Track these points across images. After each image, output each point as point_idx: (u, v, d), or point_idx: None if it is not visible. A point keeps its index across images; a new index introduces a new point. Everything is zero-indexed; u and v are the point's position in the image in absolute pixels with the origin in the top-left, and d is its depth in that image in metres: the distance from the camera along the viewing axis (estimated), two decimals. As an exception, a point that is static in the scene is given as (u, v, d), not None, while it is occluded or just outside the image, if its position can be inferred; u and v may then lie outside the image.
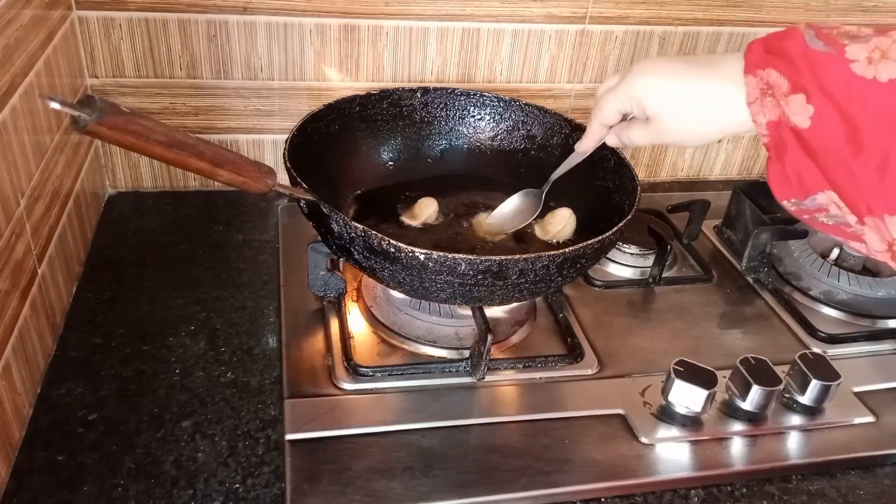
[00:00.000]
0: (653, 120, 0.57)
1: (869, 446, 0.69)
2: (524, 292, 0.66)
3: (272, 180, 0.61)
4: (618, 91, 0.59)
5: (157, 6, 0.84)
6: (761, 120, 0.49)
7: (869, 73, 0.44)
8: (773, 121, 0.48)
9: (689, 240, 0.96)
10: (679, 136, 0.57)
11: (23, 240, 0.63)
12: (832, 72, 0.45)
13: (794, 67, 0.46)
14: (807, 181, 0.48)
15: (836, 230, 0.50)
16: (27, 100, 0.65)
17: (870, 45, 0.44)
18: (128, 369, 0.69)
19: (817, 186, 0.47)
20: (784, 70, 0.47)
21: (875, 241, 0.47)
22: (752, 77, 0.49)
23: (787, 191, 0.49)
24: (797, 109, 0.46)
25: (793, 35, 0.47)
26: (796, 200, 0.49)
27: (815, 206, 0.48)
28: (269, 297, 0.80)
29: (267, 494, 0.60)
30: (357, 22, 0.90)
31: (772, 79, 0.48)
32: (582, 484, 0.63)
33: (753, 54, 0.50)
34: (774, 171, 0.50)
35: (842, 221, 0.48)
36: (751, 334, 0.82)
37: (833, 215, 0.48)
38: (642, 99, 0.57)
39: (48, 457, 0.61)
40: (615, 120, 0.62)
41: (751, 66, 0.49)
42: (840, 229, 0.49)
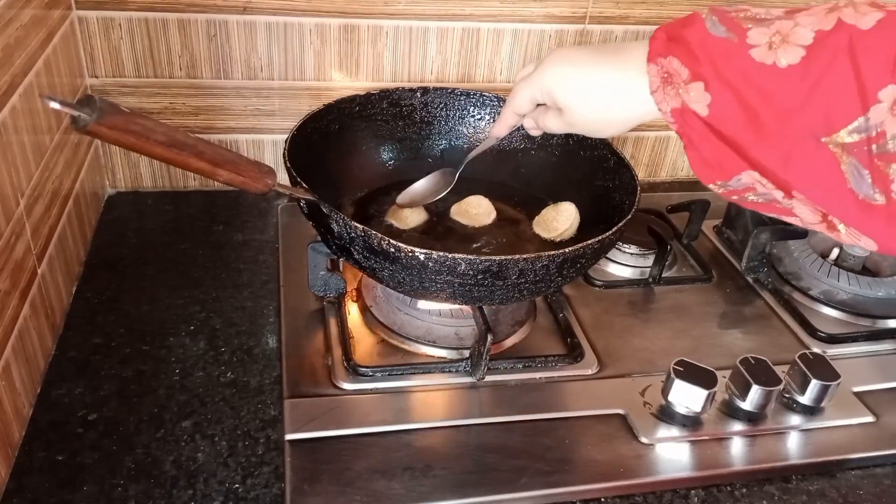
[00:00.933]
0: (564, 111, 0.58)
1: (869, 446, 0.69)
2: (524, 292, 0.66)
3: (272, 180, 0.61)
4: (530, 81, 0.59)
5: (157, 6, 0.84)
6: (665, 108, 0.49)
7: (769, 59, 0.44)
8: (677, 108, 0.48)
9: (689, 240, 0.96)
10: (590, 125, 0.57)
11: (22, 240, 0.63)
12: (730, 59, 0.45)
13: (692, 56, 0.47)
14: (725, 163, 0.47)
15: (768, 207, 0.49)
16: (27, 100, 0.65)
17: (772, 29, 0.44)
18: (128, 369, 0.69)
19: (737, 167, 0.47)
20: (684, 58, 0.47)
21: (807, 214, 0.47)
22: (654, 66, 0.49)
23: (710, 174, 0.49)
24: (696, 98, 0.46)
25: (694, 21, 0.47)
26: (721, 182, 0.49)
27: (741, 185, 0.48)
28: (268, 297, 0.80)
29: (267, 494, 0.60)
30: (357, 22, 0.89)
31: (672, 67, 0.48)
32: (582, 484, 0.63)
33: (656, 42, 0.50)
34: (693, 157, 0.49)
35: (770, 198, 0.48)
36: (751, 334, 0.82)
37: (761, 193, 0.48)
38: (552, 90, 0.57)
39: (48, 457, 0.61)
40: (528, 109, 0.63)
41: (653, 54, 0.50)
42: (771, 206, 0.49)
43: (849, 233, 0.45)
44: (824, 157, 0.43)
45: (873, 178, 0.42)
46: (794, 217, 0.48)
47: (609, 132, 0.59)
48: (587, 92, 0.55)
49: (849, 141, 0.42)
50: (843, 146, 0.43)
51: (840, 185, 0.44)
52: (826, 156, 0.43)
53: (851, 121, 0.42)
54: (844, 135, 0.42)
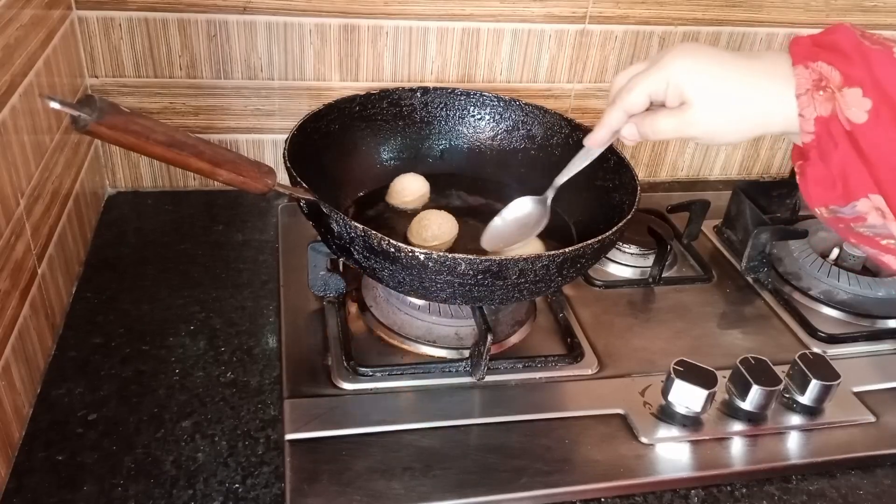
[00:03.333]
0: (687, 105, 0.51)
1: (869, 446, 0.69)
2: (524, 292, 0.65)
3: (272, 180, 0.61)
4: (651, 73, 0.53)
5: (157, 6, 0.84)
6: (809, 114, 0.45)
7: None
8: (824, 116, 0.45)
9: (689, 240, 0.96)
10: (711, 128, 0.51)
11: (22, 240, 0.63)
12: (888, 67, 0.43)
13: (847, 60, 0.44)
14: (853, 184, 0.44)
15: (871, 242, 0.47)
16: (27, 99, 0.65)
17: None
18: (128, 369, 0.69)
19: (864, 190, 0.44)
20: (837, 63, 0.44)
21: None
22: (804, 68, 0.46)
23: (828, 196, 0.46)
24: (853, 103, 0.43)
25: (842, 30, 0.45)
26: (834, 207, 0.46)
27: (854, 213, 0.45)
28: (268, 297, 0.80)
29: (267, 494, 0.60)
30: (357, 22, 0.89)
31: (823, 70, 0.45)
32: (582, 484, 0.63)
33: (800, 47, 0.47)
34: (815, 174, 0.46)
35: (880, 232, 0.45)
36: (751, 334, 0.82)
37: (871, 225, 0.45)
38: (681, 81, 0.51)
39: (48, 457, 0.61)
40: (643, 106, 0.55)
41: (799, 58, 0.46)
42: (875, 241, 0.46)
43: None
44: None
45: None
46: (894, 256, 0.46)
47: (723, 138, 0.52)
48: (721, 88, 0.50)
49: None
50: None
51: None
52: None
53: None
54: None
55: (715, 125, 0.51)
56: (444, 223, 0.76)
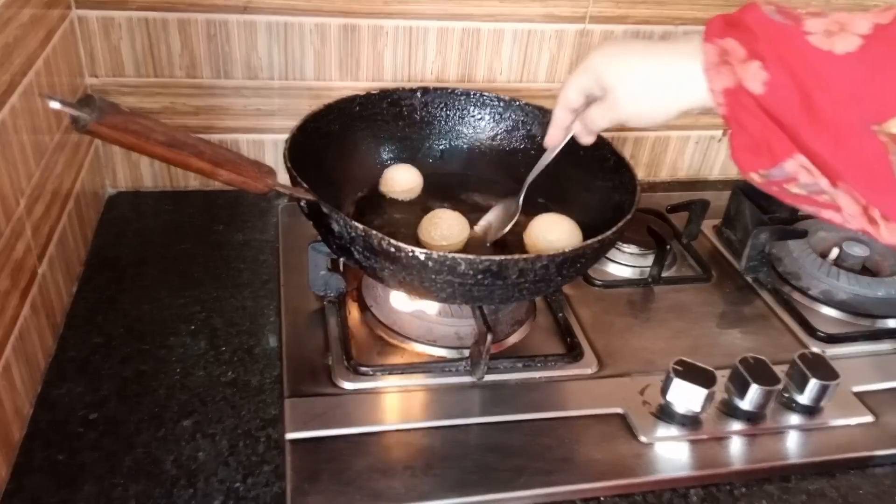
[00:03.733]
0: (609, 93, 0.57)
1: (868, 446, 0.69)
2: (524, 292, 0.66)
3: (272, 180, 0.61)
4: (577, 70, 0.60)
5: (157, 6, 0.84)
6: (717, 86, 0.49)
7: (826, 46, 0.44)
8: (730, 87, 0.48)
9: (689, 240, 0.96)
10: (635, 110, 0.57)
11: (23, 239, 0.64)
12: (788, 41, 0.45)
13: (751, 35, 0.47)
14: (775, 147, 0.47)
15: (808, 200, 0.49)
16: (27, 99, 0.65)
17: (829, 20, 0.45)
18: (128, 369, 0.69)
19: (786, 151, 0.47)
20: (742, 38, 0.47)
21: (850, 206, 0.47)
22: (710, 45, 0.49)
23: (755, 161, 0.49)
24: (752, 75, 0.47)
25: (752, 8, 0.48)
26: (764, 171, 0.49)
27: (784, 175, 0.48)
28: (269, 297, 0.80)
29: (267, 493, 0.60)
30: (357, 22, 0.90)
31: (729, 46, 0.48)
32: (581, 483, 0.63)
33: (713, 25, 0.50)
34: (739, 142, 0.49)
35: (814, 189, 0.48)
36: (750, 334, 0.82)
37: (804, 184, 0.48)
38: (600, 71, 0.57)
39: (48, 456, 0.61)
40: (578, 101, 0.62)
41: (709, 34, 0.50)
42: (812, 199, 0.49)
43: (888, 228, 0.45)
44: (873, 145, 0.43)
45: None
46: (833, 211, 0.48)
47: (650, 118, 0.57)
48: (636, 72, 0.55)
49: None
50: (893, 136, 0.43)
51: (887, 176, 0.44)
52: (875, 144, 0.43)
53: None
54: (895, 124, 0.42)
55: (638, 106, 0.56)
56: (454, 224, 0.76)
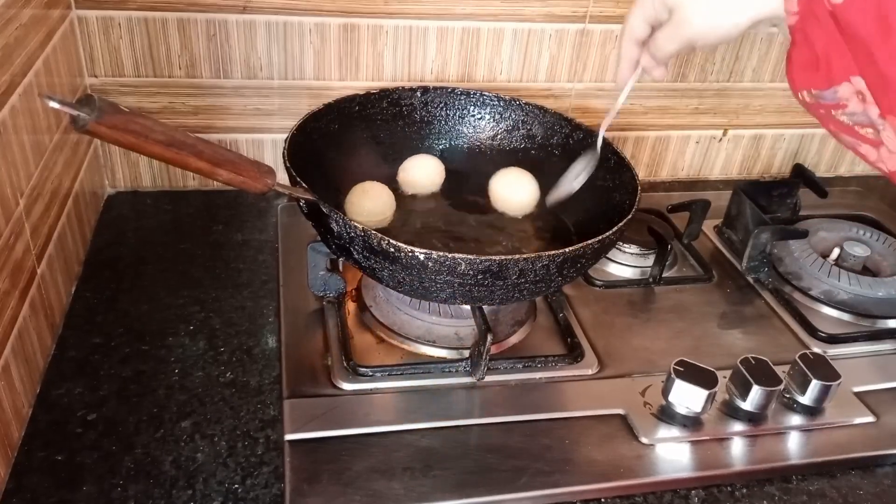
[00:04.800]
0: (676, 11, 0.55)
1: (869, 446, 0.69)
2: (524, 292, 0.65)
3: (271, 180, 0.61)
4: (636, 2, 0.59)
5: (157, 5, 0.84)
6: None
7: None
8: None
9: (690, 240, 0.96)
10: (704, 23, 0.55)
11: (22, 239, 0.63)
12: None
13: None
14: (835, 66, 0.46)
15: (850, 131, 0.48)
16: (26, 99, 0.65)
17: None
18: (127, 369, 0.69)
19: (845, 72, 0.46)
20: None
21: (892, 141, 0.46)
22: None
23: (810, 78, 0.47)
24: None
25: None
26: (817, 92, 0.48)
27: (835, 99, 0.47)
28: (268, 297, 0.80)
29: (266, 494, 0.60)
30: (357, 21, 0.89)
31: None
32: (582, 484, 0.63)
33: None
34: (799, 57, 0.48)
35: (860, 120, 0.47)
36: (751, 334, 0.81)
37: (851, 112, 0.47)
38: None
39: (47, 457, 0.61)
40: (644, 31, 0.60)
41: None
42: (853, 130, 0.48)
43: None
44: None
45: None
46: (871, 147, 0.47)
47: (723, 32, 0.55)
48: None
49: None
50: None
51: None
52: None
53: None
54: None
55: (708, 18, 0.54)
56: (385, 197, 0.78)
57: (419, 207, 0.83)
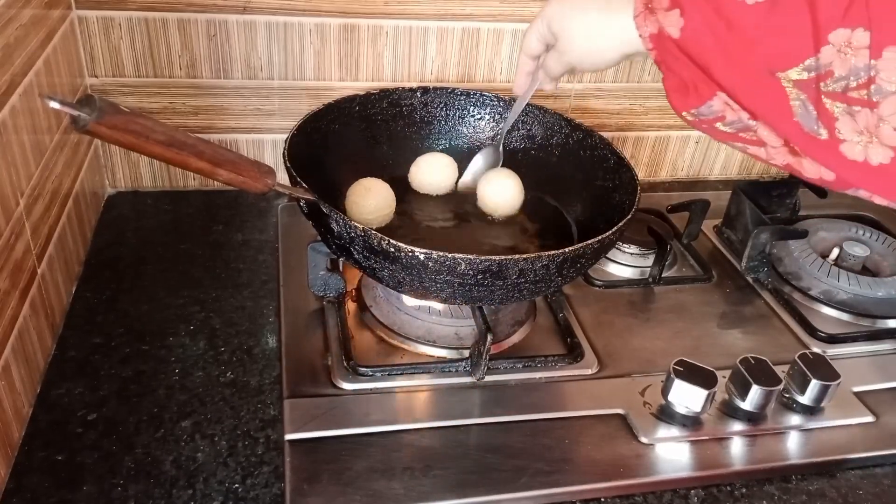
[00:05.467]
0: (559, 39, 0.63)
1: (869, 446, 0.69)
2: (524, 292, 0.65)
3: (272, 180, 0.61)
4: (535, 19, 0.66)
5: (157, 6, 0.84)
6: (644, 33, 0.54)
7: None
8: (654, 34, 0.53)
9: (689, 240, 0.96)
10: (582, 53, 0.62)
11: (22, 239, 0.63)
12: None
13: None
14: (700, 86, 0.52)
15: (735, 137, 0.53)
16: (27, 99, 0.65)
17: None
18: (127, 369, 0.69)
19: (710, 90, 0.51)
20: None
21: (772, 139, 0.51)
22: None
23: (686, 101, 0.53)
24: (672, 22, 0.51)
25: None
26: (695, 110, 0.53)
27: (712, 114, 0.52)
28: (268, 297, 0.80)
29: (266, 494, 0.60)
30: (357, 21, 0.89)
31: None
32: (582, 484, 0.63)
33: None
34: (670, 84, 0.54)
35: (739, 126, 0.52)
36: (750, 334, 0.82)
37: (730, 121, 0.52)
38: (549, 19, 0.64)
39: (48, 457, 0.61)
40: (537, 48, 0.68)
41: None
42: (738, 136, 0.53)
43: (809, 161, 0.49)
44: (777, 90, 0.48)
45: (819, 115, 0.47)
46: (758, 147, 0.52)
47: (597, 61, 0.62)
48: (579, 19, 0.61)
49: (799, 78, 0.46)
50: (795, 83, 0.47)
51: (788, 119, 0.48)
52: (778, 89, 0.48)
53: (803, 59, 0.46)
54: (796, 72, 0.46)
55: (583, 50, 0.62)
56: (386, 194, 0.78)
57: (419, 207, 0.83)
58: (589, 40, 0.61)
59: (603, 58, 0.61)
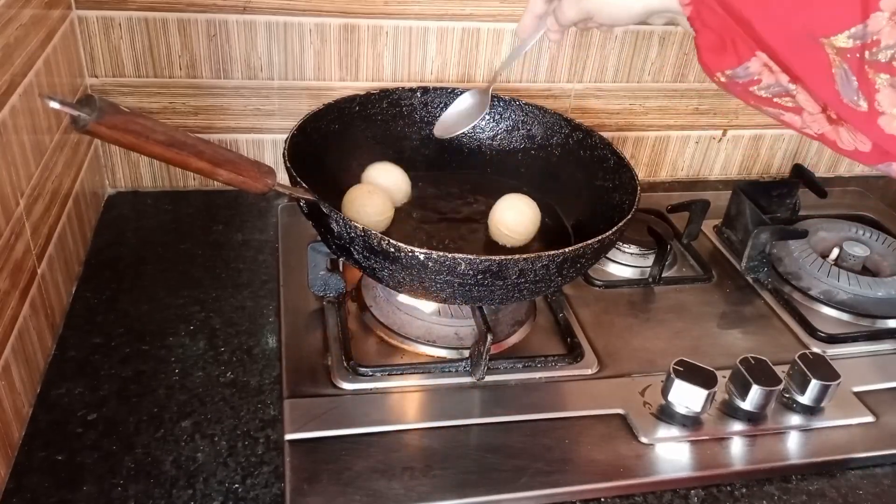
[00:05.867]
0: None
1: (869, 446, 0.69)
2: (524, 292, 0.66)
3: (272, 180, 0.61)
4: None
5: (157, 6, 0.84)
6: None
7: None
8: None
9: (689, 240, 0.96)
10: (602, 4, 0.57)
11: (22, 239, 0.63)
12: None
13: None
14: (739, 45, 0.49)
15: (770, 103, 0.50)
16: (27, 99, 0.65)
17: None
18: (127, 369, 0.69)
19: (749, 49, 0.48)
20: None
21: (810, 104, 0.48)
22: None
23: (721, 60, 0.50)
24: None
25: None
26: (731, 71, 0.50)
27: (748, 76, 0.49)
28: (268, 297, 0.80)
29: (266, 494, 0.60)
30: (357, 21, 0.89)
31: None
32: (582, 484, 0.63)
33: None
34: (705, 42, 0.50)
35: (776, 91, 0.49)
36: (750, 334, 0.82)
37: (766, 84, 0.49)
38: None
39: (48, 457, 0.61)
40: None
41: None
42: (774, 102, 0.50)
43: (848, 130, 0.47)
44: (818, 56, 0.45)
45: (860, 85, 0.44)
46: (794, 114, 0.49)
47: (619, 13, 0.57)
48: None
49: (844, 46, 0.44)
50: (838, 50, 0.44)
51: (829, 86, 0.45)
52: (820, 56, 0.45)
53: (850, 26, 0.43)
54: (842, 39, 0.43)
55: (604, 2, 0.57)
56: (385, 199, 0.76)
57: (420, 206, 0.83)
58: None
59: (626, 10, 0.56)
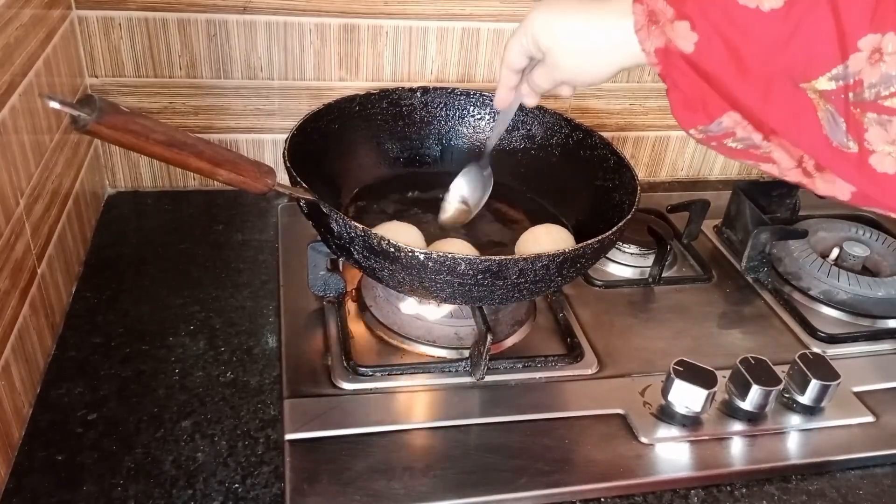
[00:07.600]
0: (547, 54, 0.58)
1: (869, 446, 0.69)
2: (524, 292, 0.65)
3: (272, 180, 0.61)
4: (517, 31, 0.60)
5: (157, 5, 0.84)
6: (649, 48, 0.50)
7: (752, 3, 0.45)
8: (661, 48, 0.49)
9: (689, 240, 0.96)
10: (573, 69, 0.57)
11: (22, 239, 0.63)
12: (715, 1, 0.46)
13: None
14: (710, 104, 0.48)
15: (746, 154, 0.50)
16: (27, 99, 0.65)
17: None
18: (127, 369, 0.69)
19: (720, 108, 0.48)
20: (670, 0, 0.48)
21: (784, 159, 0.48)
22: (640, 5, 0.50)
23: (693, 117, 0.50)
24: (682, 35, 0.47)
25: None
26: (703, 127, 0.50)
27: (721, 130, 0.49)
28: (268, 297, 0.80)
29: (266, 494, 0.60)
30: (357, 21, 0.89)
31: (657, 6, 0.49)
32: (582, 484, 0.63)
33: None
34: (677, 99, 0.50)
35: (750, 143, 0.49)
36: (750, 334, 0.82)
37: (740, 138, 0.49)
38: (536, 32, 0.57)
39: (48, 457, 0.61)
40: (520, 62, 0.62)
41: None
42: (749, 153, 0.50)
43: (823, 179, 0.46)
44: (802, 102, 0.45)
45: (848, 126, 0.43)
46: (771, 164, 0.49)
47: (592, 77, 0.57)
48: (570, 33, 0.55)
49: (827, 88, 0.43)
50: (821, 93, 0.44)
51: (815, 131, 0.45)
52: (803, 101, 0.45)
53: (830, 68, 0.43)
54: (823, 81, 0.43)
55: (575, 65, 0.57)
56: None
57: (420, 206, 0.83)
58: (582, 56, 0.55)
59: (599, 74, 0.56)
